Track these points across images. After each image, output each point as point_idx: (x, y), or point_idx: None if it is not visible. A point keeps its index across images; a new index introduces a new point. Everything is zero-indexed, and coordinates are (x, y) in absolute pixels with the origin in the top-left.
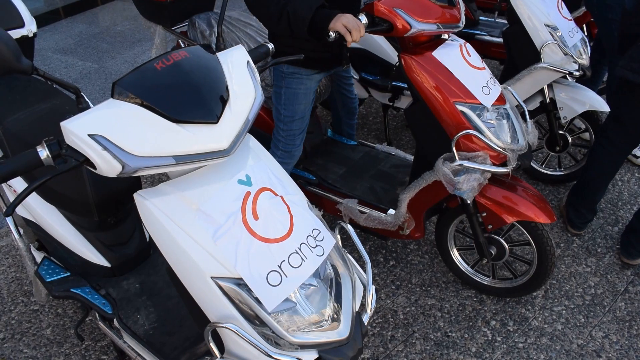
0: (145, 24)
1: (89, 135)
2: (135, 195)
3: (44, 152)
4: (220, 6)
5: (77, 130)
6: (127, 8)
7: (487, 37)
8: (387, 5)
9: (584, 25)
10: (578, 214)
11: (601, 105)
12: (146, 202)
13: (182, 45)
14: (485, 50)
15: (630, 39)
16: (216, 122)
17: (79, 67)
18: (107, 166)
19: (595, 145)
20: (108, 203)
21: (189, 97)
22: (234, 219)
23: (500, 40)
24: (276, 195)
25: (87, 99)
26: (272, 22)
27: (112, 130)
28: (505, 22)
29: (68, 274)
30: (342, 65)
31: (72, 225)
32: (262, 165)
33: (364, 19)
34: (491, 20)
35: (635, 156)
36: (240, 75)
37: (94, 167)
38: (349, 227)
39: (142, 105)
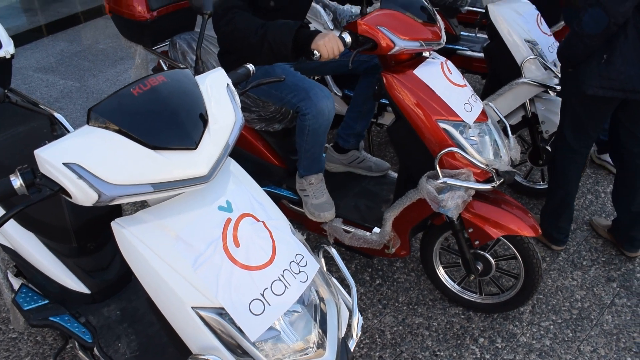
0: (126, 43)
1: (63, 163)
2: (112, 223)
3: (17, 182)
4: (201, 26)
5: (51, 158)
6: (109, 26)
7: (469, 52)
8: (371, 23)
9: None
10: (558, 229)
11: None
12: (124, 231)
13: (163, 65)
14: (467, 65)
15: (585, 58)
16: (195, 148)
17: (60, 86)
18: (83, 195)
19: (558, 157)
20: (87, 229)
21: (167, 123)
22: (215, 247)
23: (482, 55)
24: (258, 220)
25: (63, 124)
26: (255, 52)
27: (88, 158)
28: (486, 37)
29: (46, 301)
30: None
31: (50, 251)
32: (243, 190)
33: (347, 37)
34: (472, 35)
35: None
36: (219, 99)
37: (69, 196)
38: (333, 251)
39: (118, 132)
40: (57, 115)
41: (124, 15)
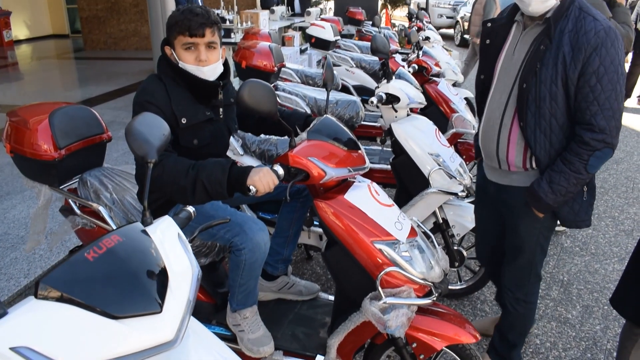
0: (28, 183)
1: (10, 348)
2: None
3: None
4: (146, 176)
5: None
6: None
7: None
8: (301, 155)
9: (453, 146)
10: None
11: None
12: None
13: (73, 205)
14: (367, 176)
15: None
16: (160, 311)
17: None
18: None
19: (532, 291)
20: None
21: (128, 288)
22: None
23: (380, 166)
24: None
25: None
26: (187, 194)
27: (40, 339)
28: (382, 148)
29: None
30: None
31: None
32: (207, 348)
33: (280, 169)
34: (369, 148)
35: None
36: (174, 252)
37: None
38: None
39: (74, 303)
40: None
41: (27, 154)
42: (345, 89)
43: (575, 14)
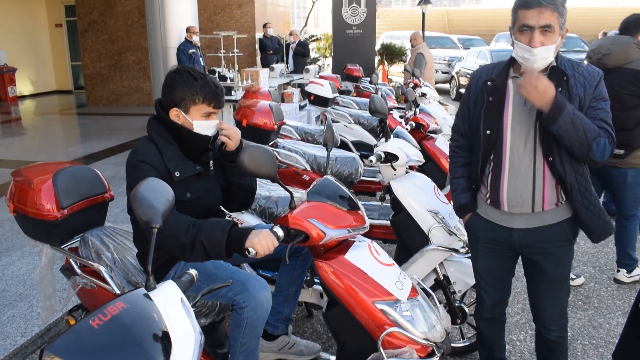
0: (30, 242)
1: None
2: None
3: None
4: (150, 241)
5: None
6: None
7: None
8: (300, 216)
9: (450, 201)
10: None
11: None
12: None
13: (74, 264)
14: (367, 232)
15: None
16: None
17: None
18: None
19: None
20: None
21: (131, 356)
22: None
23: (380, 221)
24: None
25: None
26: (185, 251)
27: None
28: (382, 204)
29: None
30: None
31: None
32: None
33: (279, 231)
34: (367, 204)
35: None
36: (178, 318)
37: None
38: None
39: None
40: None
41: (30, 214)
42: (344, 145)
43: (566, 64)
